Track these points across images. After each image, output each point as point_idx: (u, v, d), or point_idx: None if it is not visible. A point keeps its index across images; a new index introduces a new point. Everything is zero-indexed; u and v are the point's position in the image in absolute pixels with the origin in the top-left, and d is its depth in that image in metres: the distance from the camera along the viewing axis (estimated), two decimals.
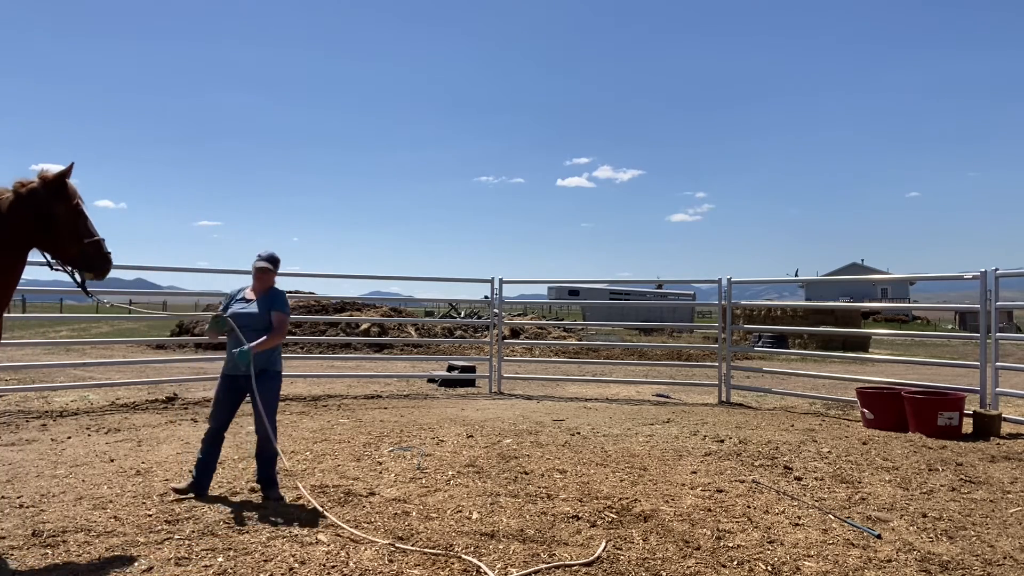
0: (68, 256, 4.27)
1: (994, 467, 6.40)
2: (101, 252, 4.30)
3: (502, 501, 5.16)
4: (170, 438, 7.30)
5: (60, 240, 4.21)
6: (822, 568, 3.99)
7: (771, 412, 9.81)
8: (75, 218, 4.22)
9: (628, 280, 38.89)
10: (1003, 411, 8.32)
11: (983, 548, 4.34)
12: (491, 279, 12.09)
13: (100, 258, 4.31)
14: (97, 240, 4.31)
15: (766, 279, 14.02)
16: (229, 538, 4.31)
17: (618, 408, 10.08)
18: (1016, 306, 10.12)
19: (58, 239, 4.21)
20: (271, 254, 5.34)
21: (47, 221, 4.14)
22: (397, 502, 5.10)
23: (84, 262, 4.27)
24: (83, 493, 5.22)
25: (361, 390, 11.61)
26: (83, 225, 4.25)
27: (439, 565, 3.96)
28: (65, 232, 4.20)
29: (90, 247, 4.26)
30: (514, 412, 9.41)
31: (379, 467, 6.14)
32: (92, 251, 4.26)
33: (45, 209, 4.14)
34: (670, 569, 3.96)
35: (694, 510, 4.99)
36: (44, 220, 4.14)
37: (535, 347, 17.88)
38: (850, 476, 6.01)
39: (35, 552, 4.07)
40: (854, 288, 65.72)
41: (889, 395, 8.46)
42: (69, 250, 4.24)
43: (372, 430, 7.88)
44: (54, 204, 4.17)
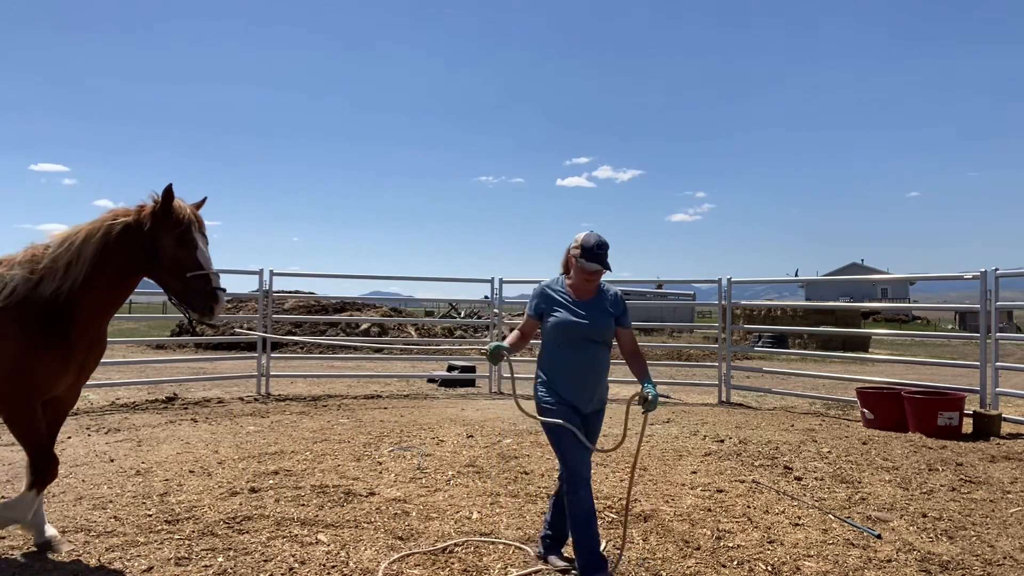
0: (173, 290, 3.91)
1: (994, 467, 6.40)
2: (206, 289, 3.83)
3: (502, 501, 5.17)
4: (170, 438, 7.30)
5: (165, 273, 3.87)
6: (822, 568, 3.99)
7: (771, 412, 9.81)
8: (180, 249, 3.83)
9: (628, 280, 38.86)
10: (1003, 411, 8.32)
11: (983, 548, 4.34)
12: (491, 279, 12.09)
13: (204, 295, 3.83)
14: (204, 275, 3.84)
15: (766, 279, 14.01)
16: (229, 538, 4.31)
17: (618, 408, 10.06)
18: (1016, 306, 10.12)
19: (162, 271, 3.88)
20: (601, 237, 3.78)
21: (154, 252, 3.84)
22: (397, 502, 5.10)
23: (187, 298, 3.86)
24: (83, 493, 5.22)
25: (361, 390, 11.62)
26: (189, 257, 3.84)
27: (439, 565, 3.96)
28: (169, 264, 3.85)
29: (195, 282, 3.82)
30: (514, 412, 9.40)
31: (379, 467, 6.14)
32: (197, 287, 3.82)
33: (151, 239, 3.84)
34: (670, 569, 3.97)
35: (694, 510, 4.99)
36: (152, 251, 3.84)
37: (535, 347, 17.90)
38: (850, 476, 6.00)
39: (35, 552, 4.07)
40: (854, 288, 65.73)
41: (889, 395, 8.46)
42: (173, 284, 3.88)
43: (372, 430, 7.88)
44: (159, 234, 3.85)
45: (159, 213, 3.83)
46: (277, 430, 7.80)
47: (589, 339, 3.76)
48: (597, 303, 3.83)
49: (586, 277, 3.77)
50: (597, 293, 3.85)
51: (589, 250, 3.72)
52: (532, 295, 3.99)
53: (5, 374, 3.73)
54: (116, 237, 3.83)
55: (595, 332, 3.77)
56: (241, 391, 11.00)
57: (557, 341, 3.80)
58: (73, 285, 3.76)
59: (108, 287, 3.88)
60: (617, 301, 3.88)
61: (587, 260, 3.72)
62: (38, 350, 3.73)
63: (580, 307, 3.78)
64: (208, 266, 3.86)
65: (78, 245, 3.78)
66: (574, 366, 3.76)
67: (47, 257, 3.80)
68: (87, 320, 3.87)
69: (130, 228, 3.86)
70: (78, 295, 3.78)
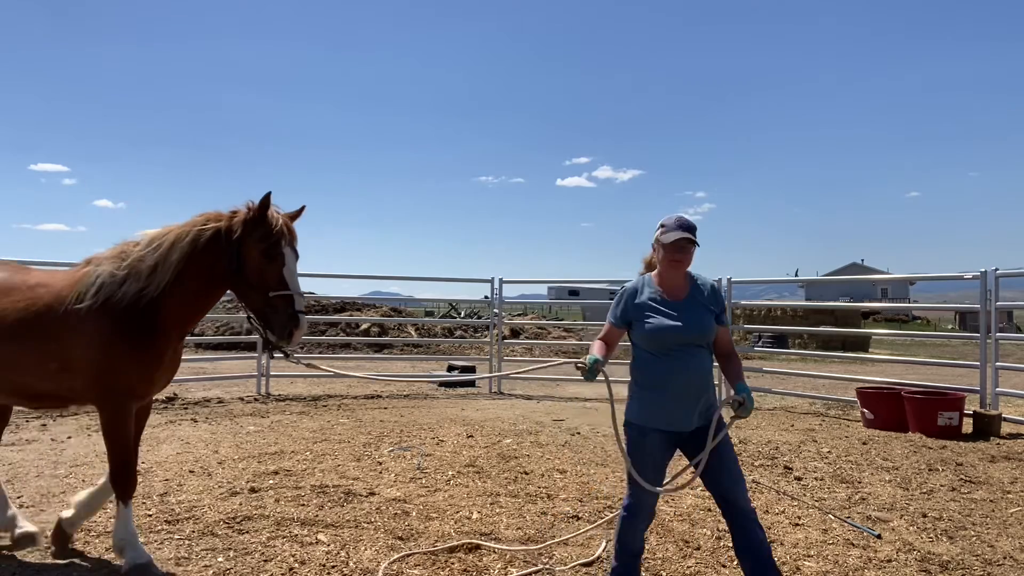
0: (253, 308, 3.63)
1: (994, 467, 6.40)
2: (288, 311, 3.50)
3: (502, 501, 5.17)
4: (170, 438, 7.30)
5: (247, 287, 3.59)
6: (822, 568, 3.99)
7: (771, 412, 9.81)
8: (267, 263, 3.53)
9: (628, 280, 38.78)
10: (1003, 411, 8.32)
11: (983, 548, 4.34)
12: (491, 279, 12.09)
13: (285, 318, 3.51)
14: (288, 296, 3.52)
15: (766, 279, 14.00)
16: (229, 538, 4.31)
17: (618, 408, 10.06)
18: (1016, 306, 10.12)
19: (245, 285, 3.60)
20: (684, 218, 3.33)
21: (239, 263, 3.58)
22: (397, 502, 5.10)
23: (266, 319, 3.57)
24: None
25: (361, 390, 11.62)
26: (275, 273, 3.53)
27: (439, 565, 3.96)
28: (253, 278, 3.56)
29: (277, 302, 3.52)
30: (514, 412, 9.41)
31: (379, 467, 6.14)
32: (279, 307, 3.51)
33: (238, 248, 3.58)
34: (670, 569, 3.97)
35: (694, 510, 4.99)
36: (237, 262, 3.59)
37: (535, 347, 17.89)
38: (850, 476, 6.00)
39: (35, 552, 4.07)
40: (854, 288, 65.70)
41: (889, 395, 8.46)
42: (254, 301, 3.60)
43: (372, 430, 7.88)
44: (247, 243, 3.56)
45: (251, 221, 3.56)
46: (277, 430, 7.80)
47: (687, 344, 3.24)
48: (693, 301, 3.30)
49: (672, 259, 3.27)
50: (690, 288, 3.34)
51: (670, 224, 3.29)
52: (616, 299, 3.49)
53: (98, 375, 3.59)
54: (204, 244, 3.61)
55: (694, 335, 3.24)
56: (241, 391, 11.01)
57: (650, 350, 3.30)
58: (156, 290, 3.58)
59: (191, 296, 3.68)
60: (715, 295, 3.36)
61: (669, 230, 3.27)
62: (128, 351, 3.57)
63: (674, 308, 3.27)
64: (294, 286, 3.56)
65: (165, 248, 3.61)
66: (672, 377, 3.23)
67: (133, 256, 3.65)
68: (167, 328, 3.67)
69: (219, 235, 3.61)
70: (161, 301, 3.60)
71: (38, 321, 3.65)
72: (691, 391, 3.25)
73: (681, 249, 3.25)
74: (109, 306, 3.58)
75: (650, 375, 3.30)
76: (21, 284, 3.81)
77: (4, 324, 3.68)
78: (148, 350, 3.62)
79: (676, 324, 3.23)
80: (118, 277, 3.61)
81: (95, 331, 3.56)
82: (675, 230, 3.24)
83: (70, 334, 3.60)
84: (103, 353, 3.57)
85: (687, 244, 3.25)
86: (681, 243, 3.24)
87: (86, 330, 3.57)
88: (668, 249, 3.27)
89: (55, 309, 3.65)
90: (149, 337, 3.61)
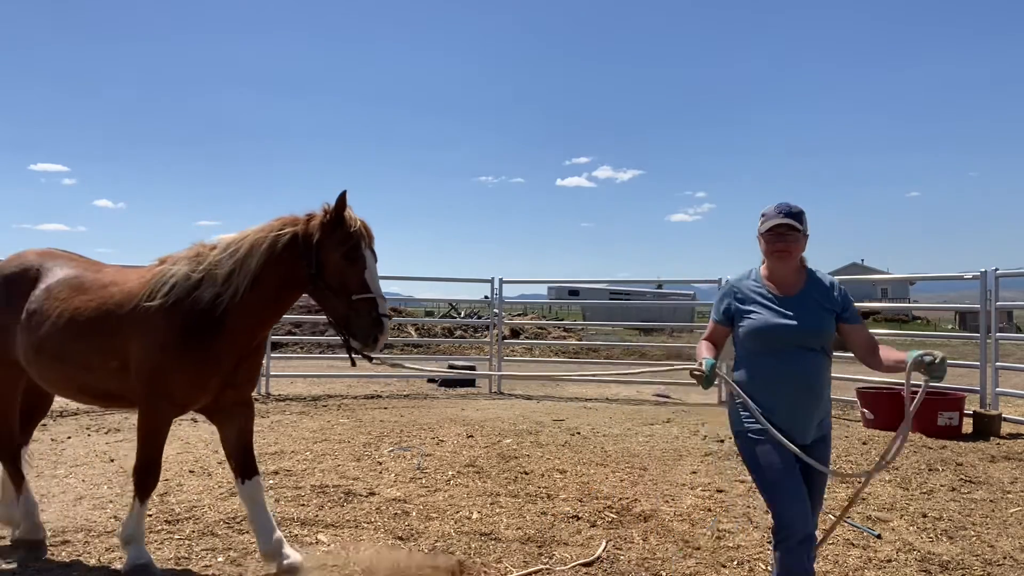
0: (335, 313, 3.50)
1: (994, 467, 6.40)
2: (372, 315, 3.39)
3: (502, 501, 5.16)
4: (170, 438, 7.23)
5: (328, 292, 3.47)
6: (822, 568, 3.99)
7: None
8: (348, 266, 3.42)
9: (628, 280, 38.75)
10: (1003, 411, 8.32)
11: (983, 548, 4.34)
12: (491, 279, 12.09)
13: (369, 322, 3.40)
14: (371, 299, 3.41)
15: None
16: (229, 538, 4.31)
17: (618, 408, 10.08)
18: (1016, 306, 10.12)
19: (325, 290, 3.48)
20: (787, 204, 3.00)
21: (318, 267, 3.46)
22: (397, 502, 5.10)
23: (349, 324, 3.44)
24: (83, 493, 5.22)
25: (361, 390, 11.62)
26: (356, 276, 3.42)
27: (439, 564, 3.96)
28: (333, 283, 3.44)
29: (360, 306, 3.40)
30: (514, 412, 9.41)
31: (379, 467, 6.14)
32: (362, 311, 3.39)
33: (317, 253, 3.47)
34: (670, 569, 3.97)
35: (694, 510, 4.99)
36: (316, 266, 3.47)
37: (535, 347, 17.90)
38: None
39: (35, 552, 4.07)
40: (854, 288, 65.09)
41: (889, 395, 8.46)
42: (335, 306, 3.47)
43: (372, 430, 7.87)
44: (325, 247, 3.45)
45: (330, 224, 3.46)
46: (277, 430, 7.80)
47: (800, 346, 2.91)
48: (808, 297, 2.97)
49: (774, 250, 2.97)
50: (807, 283, 3.01)
51: (769, 212, 3.00)
52: (719, 294, 3.22)
53: (147, 373, 3.53)
54: (282, 249, 3.51)
55: (808, 336, 2.90)
56: None
57: (757, 351, 2.99)
58: (235, 295, 3.48)
59: (266, 301, 3.58)
60: (836, 292, 3.00)
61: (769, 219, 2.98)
62: (181, 355, 3.49)
63: (785, 304, 2.95)
64: (376, 289, 3.45)
65: (243, 254, 3.51)
66: (782, 383, 2.90)
67: (208, 260, 3.57)
68: (237, 334, 3.56)
69: (296, 240, 3.51)
70: (235, 306, 3.50)
71: (107, 319, 3.64)
72: (803, 398, 2.91)
73: (781, 237, 2.94)
74: (178, 308, 3.51)
75: (756, 381, 2.98)
76: (95, 282, 3.81)
77: (77, 323, 3.68)
78: (204, 357, 3.52)
79: (785, 321, 2.91)
80: (192, 280, 3.54)
81: (156, 331, 3.51)
82: (774, 217, 2.95)
83: (132, 331, 3.56)
84: (157, 354, 3.51)
85: (788, 231, 2.93)
86: (780, 230, 2.94)
87: (147, 329, 3.52)
88: (768, 239, 2.98)
89: (123, 306, 3.62)
90: (210, 344, 3.51)
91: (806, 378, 2.91)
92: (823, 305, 2.96)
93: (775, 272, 3.03)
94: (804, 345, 2.92)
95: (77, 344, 3.67)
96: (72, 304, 3.74)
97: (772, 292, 3.01)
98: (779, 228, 2.94)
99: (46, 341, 3.73)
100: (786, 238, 2.95)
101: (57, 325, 3.72)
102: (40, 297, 3.84)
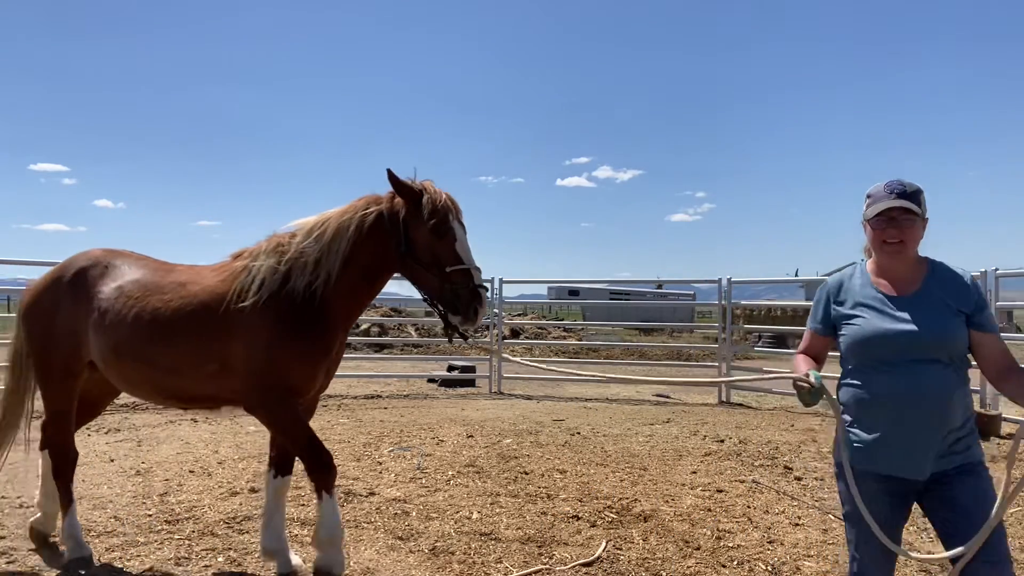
0: (431, 289, 3.39)
1: (994, 467, 6.37)
2: (469, 286, 3.28)
3: (502, 501, 5.17)
4: (170, 438, 7.30)
5: (420, 268, 3.37)
6: (822, 568, 3.99)
7: (771, 412, 9.81)
8: (437, 241, 3.32)
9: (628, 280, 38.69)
10: (1003, 411, 8.32)
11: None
12: (491, 279, 12.09)
13: (467, 294, 3.27)
14: (465, 270, 3.30)
15: (766, 279, 14.02)
16: (229, 538, 4.31)
17: (618, 408, 10.08)
18: (1016, 306, 10.12)
19: (417, 267, 3.38)
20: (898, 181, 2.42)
21: (408, 245, 3.38)
22: (397, 502, 5.10)
23: (446, 298, 3.31)
24: (83, 493, 5.22)
25: (361, 390, 11.61)
26: (448, 249, 3.31)
27: (439, 565, 3.96)
28: (425, 259, 3.35)
29: (456, 277, 3.28)
30: (514, 412, 9.41)
31: (379, 467, 6.14)
32: (458, 283, 3.28)
33: (404, 230, 3.38)
34: (670, 569, 3.97)
35: (694, 510, 4.99)
36: (406, 244, 3.38)
37: (535, 347, 17.90)
38: None
39: (35, 552, 4.07)
40: None
41: None
42: (430, 281, 3.36)
43: (372, 430, 7.87)
44: (412, 224, 3.36)
45: (416, 199, 3.35)
46: None
47: (920, 358, 2.35)
48: (929, 295, 2.41)
49: (886, 239, 2.42)
50: (927, 278, 2.45)
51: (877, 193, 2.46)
52: (816, 296, 2.68)
53: (259, 372, 3.40)
54: (369, 229, 3.42)
55: (929, 345, 2.34)
56: None
57: (864, 365, 2.45)
58: (328, 281, 3.40)
59: (357, 285, 3.50)
60: (965, 290, 2.41)
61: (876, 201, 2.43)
62: (294, 349, 3.39)
63: (900, 306, 2.41)
64: (469, 260, 3.33)
65: (328, 238, 3.41)
66: (895, 402, 2.36)
67: (293, 248, 3.46)
68: (334, 321, 3.50)
69: (383, 218, 3.42)
70: (330, 291, 3.43)
71: (195, 321, 3.49)
72: (925, 421, 2.33)
73: (893, 222, 2.39)
74: (273, 303, 3.40)
75: (863, 399, 2.44)
76: (171, 282, 3.66)
77: (158, 324, 3.53)
78: (315, 346, 3.45)
79: (900, 327, 2.36)
80: (281, 272, 3.43)
81: (256, 330, 3.38)
82: (883, 199, 2.39)
83: (231, 334, 3.42)
84: (267, 352, 3.38)
85: (902, 215, 2.38)
86: (892, 214, 2.39)
87: (247, 329, 3.39)
88: (875, 225, 2.43)
89: (212, 308, 3.47)
90: (317, 332, 3.44)
91: (925, 398, 2.32)
92: (950, 305, 2.38)
93: (886, 267, 2.47)
94: (925, 356, 2.34)
95: (161, 347, 3.52)
96: (150, 304, 3.58)
97: (883, 292, 2.46)
98: (890, 212, 2.38)
99: (124, 343, 3.58)
100: (900, 223, 2.38)
101: (135, 327, 3.56)
102: (112, 296, 3.68)
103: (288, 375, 3.42)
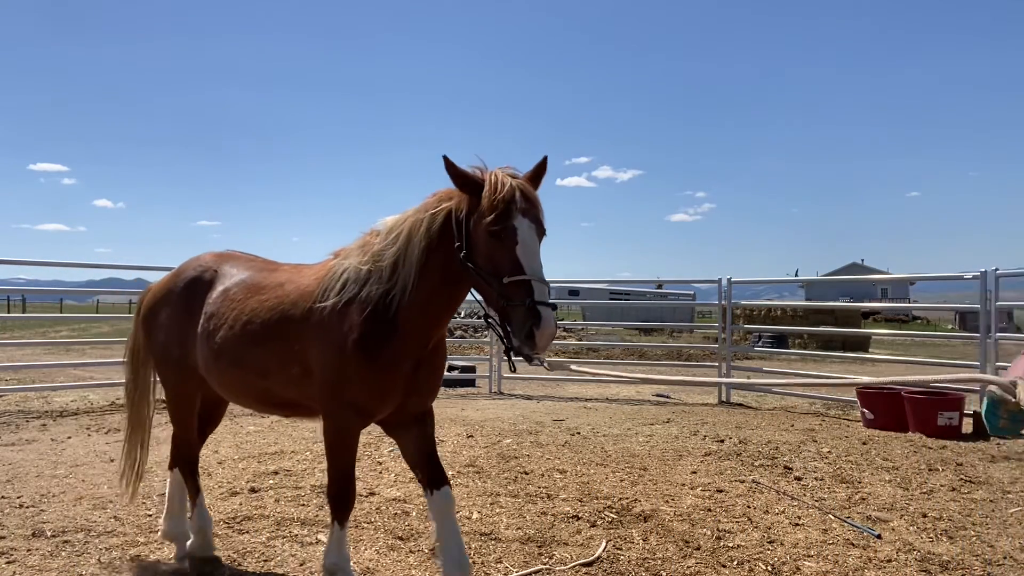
0: (489, 303, 2.87)
1: (994, 467, 6.40)
2: (524, 302, 2.67)
3: (502, 501, 5.17)
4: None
5: (479, 277, 2.87)
6: (822, 568, 3.99)
7: (771, 412, 9.81)
8: (493, 243, 2.77)
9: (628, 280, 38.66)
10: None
11: (983, 548, 4.34)
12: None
13: (522, 313, 2.66)
14: (524, 280, 2.70)
15: (766, 279, 14.02)
16: (229, 538, 4.31)
17: (618, 408, 10.08)
18: (1016, 306, 10.12)
19: (477, 276, 2.88)
20: None
21: (469, 249, 2.89)
22: (397, 502, 5.10)
23: (503, 315, 2.77)
24: (83, 493, 5.22)
25: None
26: (504, 254, 2.75)
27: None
28: (481, 264, 2.83)
29: (511, 291, 2.71)
30: (514, 412, 9.41)
31: (379, 467, 6.14)
32: (513, 296, 2.70)
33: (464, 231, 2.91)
34: (670, 569, 3.96)
35: (694, 510, 4.99)
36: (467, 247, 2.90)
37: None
38: (850, 476, 6.00)
39: (35, 552, 4.07)
40: (854, 288, 65.69)
41: (889, 395, 8.46)
42: (488, 293, 2.85)
43: (372, 430, 7.84)
44: (472, 223, 2.88)
45: (474, 192, 2.87)
46: (277, 430, 7.80)
47: None
48: None
49: None
50: None
51: None
52: None
53: (328, 380, 3.16)
54: (438, 231, 3.00)
55: None
56: None
57: None
58: (405, 290, 3.05)
59: (435, 296, 3.07)
60: None
61: None
62: (359, 360, 3.07)
63: None
64: (531, 269, 2.72)
65: (403, 242, 3.07)
66: None
67: (373, 250, 3.17)
68: (411, 334, 3.10)
69: (451, 217, 2.97)
70: (406, 303, 3.07)
71: (283, 321, 3.35)
72: None
73: None
74: (351, 306, 3.13)
75: None
76: (271, 282, 3.56)
77: (253, 326, 3.42)
78: (383, 361, 3.09)
79: None
80: (362, 274, 3.15)
81: (332, 332, 3.14)
82: None
83: (310, 334, 3.23)
84: (336, 358, 3.12)
85: None
86: None
87: (324, 331, 3.17)
88: None
89: (299, 307, 3.31)
90: (386, 346, 3.08)
91: None
92: None
93: None
94: None
95: (254, 348, 3.41)
96: (248, 306, 3.49)
97: None
98: None
99: (223, 346, 3.50)
100: None
101: (234, 329, 3.47)
102: (217, 300, 3.63)
103: (352, 389, 3.13)
